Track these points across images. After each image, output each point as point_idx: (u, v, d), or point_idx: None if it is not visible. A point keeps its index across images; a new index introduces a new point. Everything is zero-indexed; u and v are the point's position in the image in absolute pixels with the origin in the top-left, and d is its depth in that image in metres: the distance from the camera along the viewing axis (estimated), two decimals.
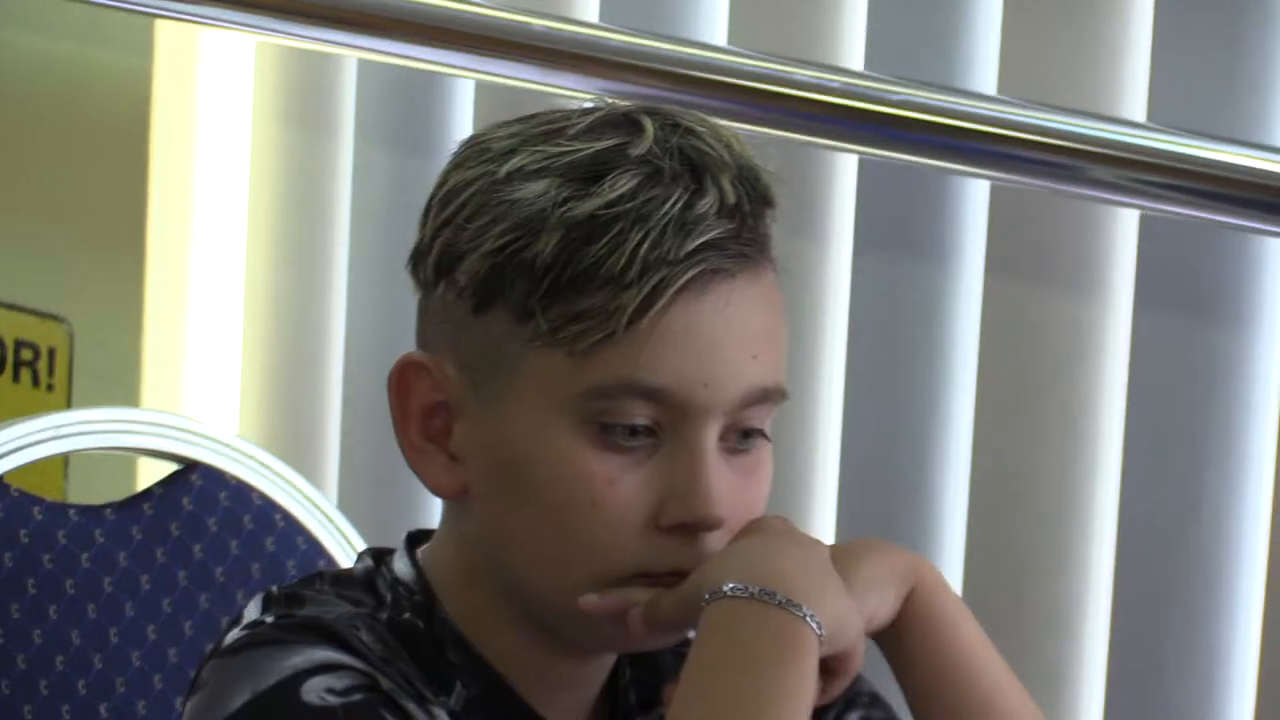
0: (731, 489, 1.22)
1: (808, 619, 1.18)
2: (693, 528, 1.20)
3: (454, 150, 1.27)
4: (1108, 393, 1.91)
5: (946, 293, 2.05)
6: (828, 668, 1.23)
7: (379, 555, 1.31)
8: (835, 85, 1.92)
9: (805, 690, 1.20)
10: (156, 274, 2.49)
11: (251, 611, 1.27)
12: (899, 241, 2.06)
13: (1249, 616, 1.87)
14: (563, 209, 1.21)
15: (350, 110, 2.38)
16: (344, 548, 1.68)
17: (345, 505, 2.04)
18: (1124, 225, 1.90)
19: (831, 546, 1.30)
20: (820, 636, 1.20)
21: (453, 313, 1.24)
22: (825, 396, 2.09)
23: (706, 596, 1.21)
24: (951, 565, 2.04)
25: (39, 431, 1.65)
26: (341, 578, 1.32)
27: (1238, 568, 1.89)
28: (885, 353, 2.09)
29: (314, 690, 1.20)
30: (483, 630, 1.26)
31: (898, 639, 1.31)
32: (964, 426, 1.99)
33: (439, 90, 2.34)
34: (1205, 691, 1.90)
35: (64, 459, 2.20)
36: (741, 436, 1.22)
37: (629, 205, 1.20)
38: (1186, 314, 1.89)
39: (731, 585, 1.20)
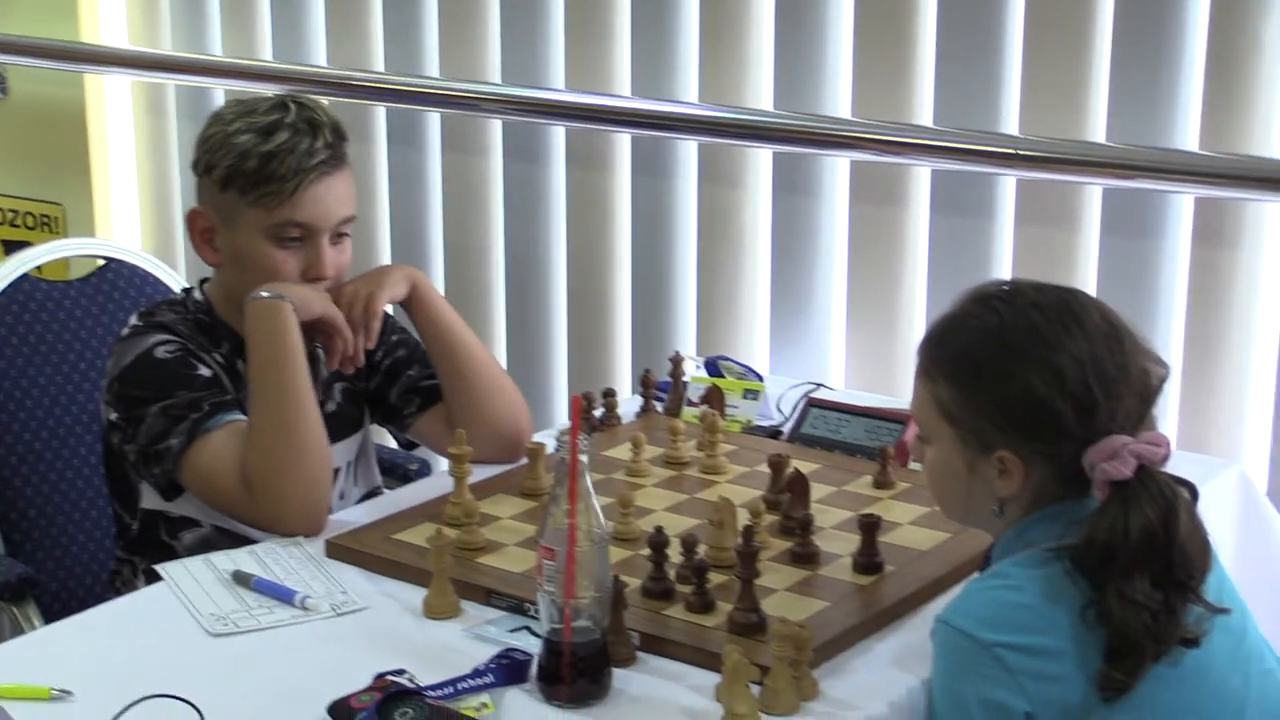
0: (331, 261, 1.88)
1: (285, 299, 1.80)
2: (315, 279, 1.86)
3: (209, 116, 1.93)
4: None
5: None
6: (334, 331, 1.82)
7: (188, 290, 1.94)
8: (368, 79, 2.85)
9: (291, 328, 1.77)
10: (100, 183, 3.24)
11: (132, 319, 1.88)
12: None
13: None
14: (256, 147, 1.85)
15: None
16: (178, 288, 2.29)
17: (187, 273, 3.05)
18: None
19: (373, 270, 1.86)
20: (293, 305, 1.79)
21: (212, 190, 1.89)
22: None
23: (249, 298, 1.76)
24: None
25: (53, 249, 2.38)
26: (172, 300, 1.93)
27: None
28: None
29: (160, 350, 1.83)
30: (232, 321, 1.89)
31: (412, 311, 1.90)
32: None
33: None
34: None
35: (66, 261, 2.63)
36: (337, 237, 1.90)
37: (286, 145, 1.84)
38: None
39: (266, 293, 1.78)
